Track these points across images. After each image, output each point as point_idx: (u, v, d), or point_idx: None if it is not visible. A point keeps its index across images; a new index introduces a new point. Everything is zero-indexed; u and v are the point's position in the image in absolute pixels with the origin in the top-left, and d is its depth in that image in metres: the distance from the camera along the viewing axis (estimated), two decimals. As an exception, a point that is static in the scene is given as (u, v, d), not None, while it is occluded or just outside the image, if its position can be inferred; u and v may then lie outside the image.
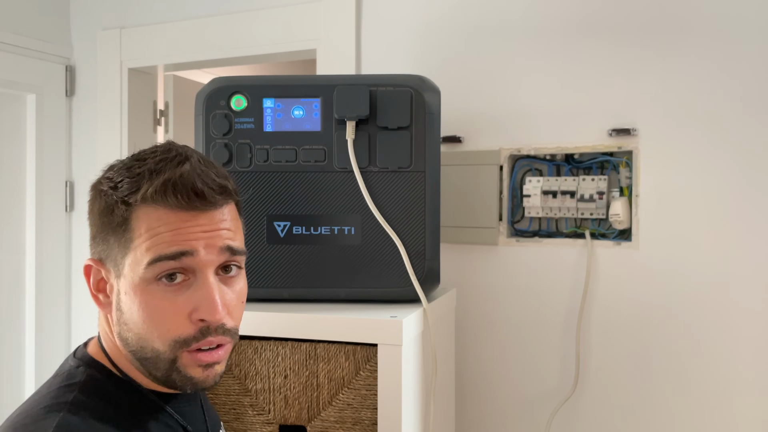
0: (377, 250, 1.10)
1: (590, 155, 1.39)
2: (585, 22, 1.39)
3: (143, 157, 0.73)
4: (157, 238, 0.69)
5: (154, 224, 0.70)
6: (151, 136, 2.05)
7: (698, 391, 1.31)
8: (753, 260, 1.27)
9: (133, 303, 0.70)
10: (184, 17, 1.82)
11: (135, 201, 0.70)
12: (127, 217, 0.70)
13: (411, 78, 1.10)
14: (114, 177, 0.73)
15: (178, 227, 0.70)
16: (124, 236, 0.71)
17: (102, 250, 0.73)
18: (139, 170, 0.71)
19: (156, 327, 0.70)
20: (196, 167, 0.71)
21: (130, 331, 0.71)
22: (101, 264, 0.74)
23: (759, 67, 1.27)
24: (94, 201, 0.75)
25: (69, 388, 0.71)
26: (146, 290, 0.70)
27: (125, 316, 0.71)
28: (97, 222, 0.74)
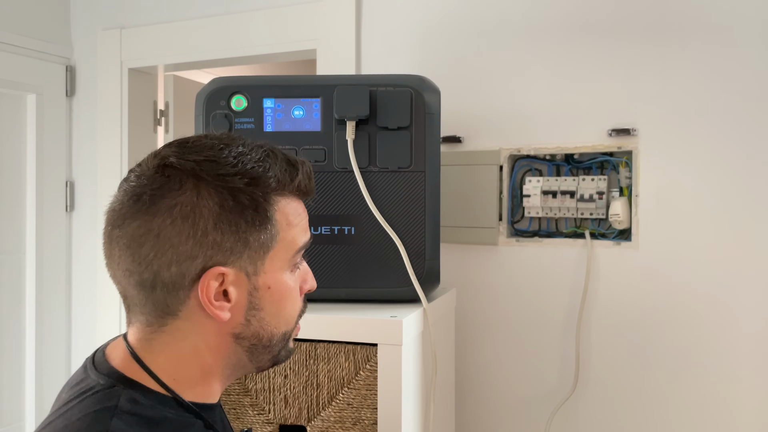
0: (377, 250, 1.10)
1: (590, 155, 1.39)
2: (585, 23, 1.39)
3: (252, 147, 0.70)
4: (299, 228, 0.73)
5: (292, 215, 0.72)
6: (151, 136, 2.05)
7: (698, 390, 1.31)
8: (753, 260, 1.27)
9: (275, 295, 0.71)
10: (184, 17, 1.82)
11: (278, 195, 0.70)
12: (272, 213, 0.69)
13: (411, 78, 1.11)
14: (246, 171, 0.67)
15: (304, 215, 0.75)
16: (268, 232, 0.68)
17: (231, 252, 0.66)
18: (271, 162, 0.69)
19: (291, 308, 0.73)
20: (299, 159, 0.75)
21: (270, 327, 0.71)
22: (227, 267, 0.67)
23: (759, 68, 1.27)
24: (211, 199, 0.65)
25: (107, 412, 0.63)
26: (286, 279, 0.72)
27: (263, 312, 0.70)
28: (225, 220, 0.66)
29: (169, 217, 0.64)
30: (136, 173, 0.68)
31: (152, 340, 0.68)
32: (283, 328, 0.73)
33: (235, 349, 0.70)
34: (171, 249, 0.64)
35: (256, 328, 0.70)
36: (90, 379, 0.68)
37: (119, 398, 0.64)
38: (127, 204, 0.66)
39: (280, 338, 0.73)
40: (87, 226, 2.02)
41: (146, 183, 0.66)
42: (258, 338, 0.71)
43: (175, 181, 0.65)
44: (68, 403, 0.66)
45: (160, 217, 0.64)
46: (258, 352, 0.72)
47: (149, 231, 0.64)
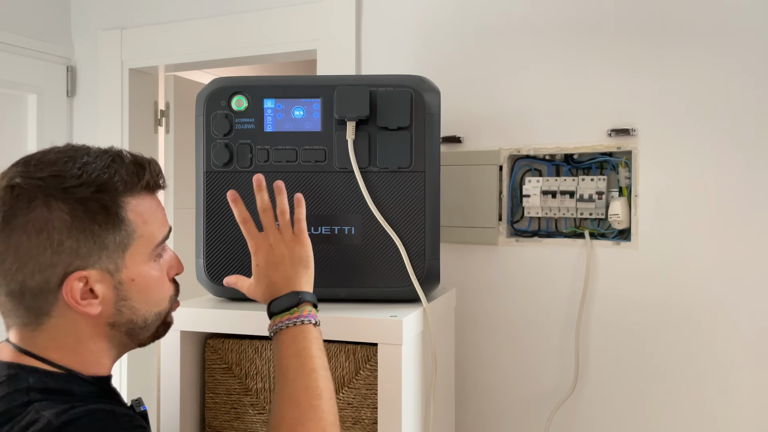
0: (377, 250, 1.10)
1: (589, 155, 1.39)
2: (585, 23, 1.40)
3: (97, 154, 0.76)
4: (155, 223, 0.80)
5: (146, 213, 0.79)
6: (151, 137, 2.05)
7: (697, 390, 1.31)
8: (752, 260, 1.27)
9: (139, 285, 0.78)
10: (184, 17, 1.83)
11: (128, 196, 0.77)
12: (123, 214, 0.76)
13: (411, 78, 1.11)
14: (91, 180, 0.73)
15: (159, 210, 0.82)
16: (123, 232, 0.76)
17: (89, 256, 0.73)
18: (116, 167, 0.76)
19: (159, 293, 0.82)
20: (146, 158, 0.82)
21: (138, 312, 0.79)
22: (87, 272, 0.74)
23: (758, 67, 1.27)
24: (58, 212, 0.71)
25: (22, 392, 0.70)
26: (149, 269, 0.80)
27: (131, 301, 0.78)
28: (78, 228, 0.72)
29: (24, 233, 0.71)
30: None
31: (35, 337, 0.75)
32: (155, 310, 0.82)
33: (114, 334, 0.79)
34: (31, 261, 0.71)
35: (129, 316, 0.79)
36: None
37: (27, 380, 0.71)
38: None
39: (155, 319, 0.82)
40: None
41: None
42: (133, 323, 0.79)
43: (24, 199, 0.71)
44: None
45: (16, 234, 0.71)
46: (136, 333, 0.81)
47: (8, 248, 0.71)
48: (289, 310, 0.88)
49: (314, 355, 0.84)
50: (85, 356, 0.77)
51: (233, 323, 1.06)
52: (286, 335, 0.86)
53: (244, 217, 0.95)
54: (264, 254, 0.93)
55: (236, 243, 1.10)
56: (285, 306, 0.88)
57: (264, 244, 0.93)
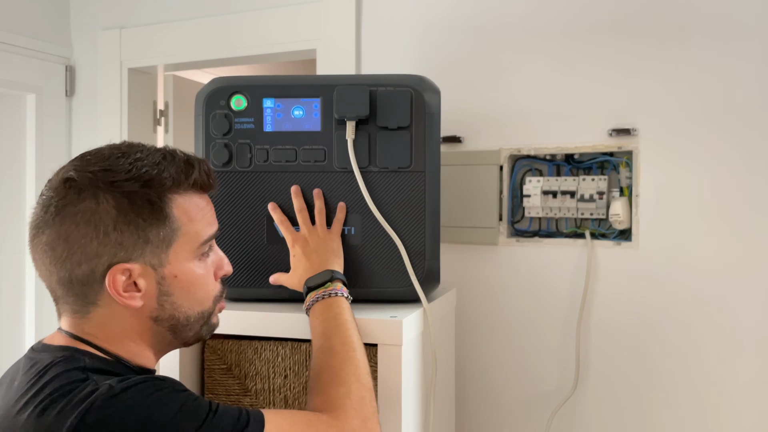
0: (377, 250, 1.10)
1: (590, 155, 1.39)
2: (585, 23, 1.39)
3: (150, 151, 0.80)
4: (202, 222, 0.82)
5: (193, 210, 0.81)
6: (151, 136, 2.05)
7: (698, 390, 1.31)
8: (753, 260, 1.27)
9: (182, 282, 0.80)
10: (184, 17, 1.82)
11: (175, 193, 0.79)
12: (169, 210, 0.78)
13: (411, 78, 1.10)
14: (139, 175, 0.76)
15: (207, 209, 0.84)
16: (167, 227, 0.78)
17: (133, 249, 0.76)
18: (167, 164, 0.79)
19: (203, 292, 0.83)
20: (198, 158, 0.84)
21: (180, 308, 0.81)
22: (131, 265, 0.77)
23: (759, 67, 1.27)
24: (105, 203, 0.75)
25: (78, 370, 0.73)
26: (194, 267, 0.81)
27: (173, 297, 0.80)
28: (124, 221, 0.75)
29: (74, 223, 0.75)
30: (46, 187, 0.79)
31: (83, 324, 0.79)
32: (198, 309, 0.83)
33: (158, 329, 0.81)
34: (79, 250, 0.75)
35: (171, 311, 0.80)
36: (43, 359, 0.76)
37: (83, 360, 0.75)
38: (39, 215, 0.77)
39: (198, 318, 0.83)
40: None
41: (53, 195, 0.77)
42: (175, 319, 0.81)
43: (75, 191, 0.76)
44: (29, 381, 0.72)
45: (66, 224, 0.75)
46: (179, 330, 0.82)
47: (59, 236, 0.75)
48: (324, 285, 0.98)
49: (347, 319, 0.94)
50: (131, 348, 0.80)
51: (233, 324, 1.05)
52: (320, 306, 0.96)
53: (282, 218, 1.07)
54: (300, 245, 1.04)
55: (236, 243, 1.09)
56: (319, 282, 0.99)
57: (300, 237, 1.05)
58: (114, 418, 0.68)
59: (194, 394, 0.75)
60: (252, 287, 1.10)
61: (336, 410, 0.83)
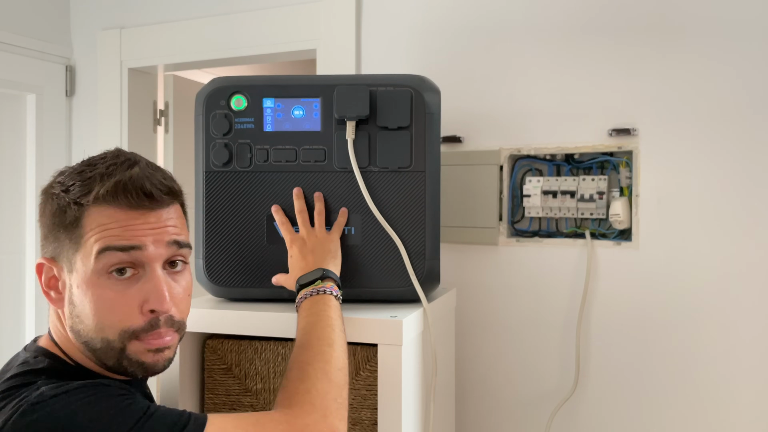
0: (377, 250, 1.09)
1: (590, 155, 1.39)
2: (585, 22, 1.39)
3: (93, 162, 0.81)
4: (107, 232, 0.76)
5: (104, 221, 0.77)
6: (151, 136, 2.05)
7: (698, 390, 1.31)
8: (753, 260, 1.27)
9: (85, 296, 0.76)
10: (184, 17, 1.82)
11: (87, 202, 0.77)
12: (79, 217, 0.77)
13: (411, 78, 1.10)
14: (65, 181, 0.80)
15: (127, 224, 0.77)
16: (75, 233, 0.77)
17: (54, 248, 0.80)
18: (90, 174, 0.79)
19: (107, 317, 0.76)
20: (145, 170, 0.79)
21: (81, 323, 0.77)
22: (53, 262, 0.80)
23: (759, 67, 1.27)
24: (45, 204, 0.81)
25: (33, 374, 0.75)
26: (97, 283, 0.76)
27: (77, 309, 0.77)
28: (48, 223, 0.80)
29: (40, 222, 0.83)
30: None
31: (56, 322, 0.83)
32: (100, 335, 0.76)
33: (78, 344, 0.79)
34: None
35: (74, 323, 0.78)
36: (19, 356, 0.80)
37: (44, 362, 0.76)
38: None
39: (104, 345, 0.76)
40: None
41: None
42: (78, 335, 0.78)
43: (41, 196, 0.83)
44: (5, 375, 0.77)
45: None
46: (94, 352, 0.78)
47: None
48: (314, 283, 0.96)
49: (330, 316, 0.91)
50: (81, 356, 0.81)
51: (233, 324, 1.05)
52: (307, 302, 0.94)
53: (283, 219, 1.07)
54: (298, 246, 1.03)
55: (236, 243, 1.10)
56: (310, 279, 0.97)
57: (298, 238, 1.04)
58: (36, 424, 0.67)
59: (134, 398, 0.73)
60: (252, 287, 1.10)
61: (293, 406, 0.80)
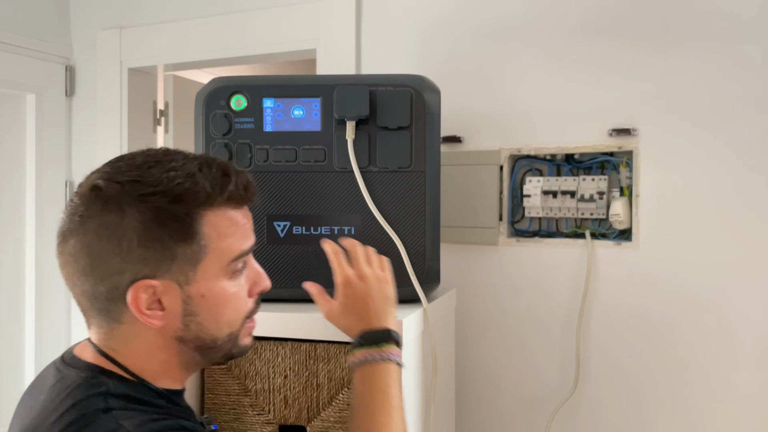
0: (377, 250, 1.09)
1: (590, 155, 1.39)
2: (585, 22, 1.39)
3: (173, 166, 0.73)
4: (233, 238, 0.76)
5: (224, 226, 0.75)
6: (151, 136, 2.05)
7: (698, 390, 1.31)
8: (753, 260, 1.27)
9: (211, 301, 0.75)
10: (184, 17, 1.82)
11: (207, 208, 0.73)
12: (198, 226, 0.72)
13: (411, 78, 1.10)
14: (169, 189, 0.71)
15: (240, 224, 0.77)
16: (195, 244, 0.72)
17: (158, 266, 0.71)
18: (204, 177, 0.73)
19: (235, 312, 0.78)
20: (232, 165, 0.78)
21: (206, 329, 0.76)
22: (154, 280, 0.72)
23: (759, 67, 1.27)
24: (132, 218, 0.70)
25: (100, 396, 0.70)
26: (225, 285, 0.76)
27: (199, 317, 0.75)
28: (149, 238, 0.70)
29: (97, 236, 0.70)
30: (75, 193, 0.74)
31: (109, 340, 0.75)
32: (226, 330, 0.77)
33: (183, 349, 0.76)
34: (102, 265, 0.71)
35: (196, 332, 0.75)
36: (69, 376, 0.73)
37: (106, 384, 0.71)
38: (66, 222, 0.73)
39: (225, 339, 0.78)
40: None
41: (79, 203, 0.72)
42: (200, 341, 0.76)
43: (101, 202, 0.71)
44: (54, 401, 0.70)
45: (89, 236, 0.71)
46: (206, 351, 0.77)
47: (83, 248, 0.71)
48: (378, 344, 0.90)
49: (394, 395, 0.88)
50: (155, 368, 0.76)
51: (233, 324, 1.05)
52: (372, 368, 0.89)
53: (336, 250, 0.98)
54: (354, 288, 0.94)
55: (236, 243, 1.09)
56: (375, 339, 0.91)
57: (354, 278, 0.94)
58: None
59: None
60: (252, 287, 1.10)
61: None
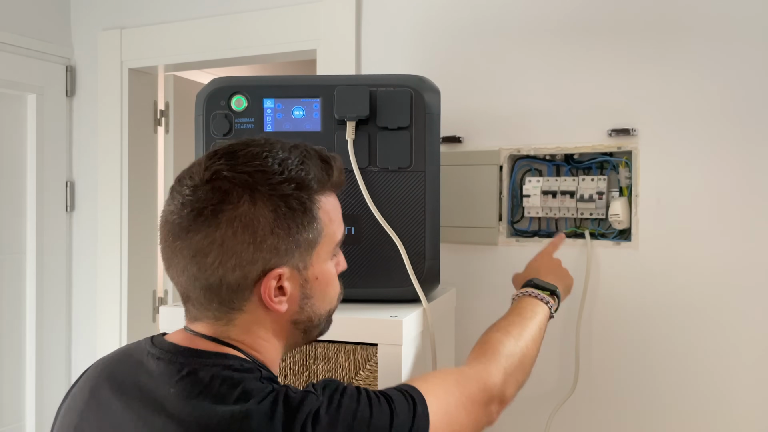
0: (377, 250, 1.10)
1: (590, 155, 1.39)
2: (585, 23, 1.39)
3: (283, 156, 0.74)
4: (337, 221, 0.81)
5: (330, 209, 0.79)
6: (151, 137, 2.05)
7: (697, 390, 1.31)
8: (752, 259, 1.27)
9: (322, 283, 0.80)
10: (184, 17, 1.82)
11: (320, 194, 0.77)
12: (316, 212, 0.76)
13: (411, 78, 1.11)
14: (292, 177, 0.73)
15: (339, 208, 0.82)
16: (314, 228, 0.76)
17: (285, 253, 0.74)
18: (313, 165, 0.76)
19: (334, 291, 0.83)
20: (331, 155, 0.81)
21: (319, 310, 0.80)
22: (282, 268, 0.74)
23: (759, 67, 1.27)
24: (264, 209, 0.72)
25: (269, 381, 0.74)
26: (329, 268, 0.81)
27: (314, 299, 0.79)
28: (279, 226, 0.72)
29: (231, 228, 0.71)
30: (189, 186, 0.73)
31: (229, 331, 0.76)
32: (329, 308, 0.83)
33: (293, 332, 0.80)
34: (234, 256, 0.71)
35: (309, 314, 0.80)
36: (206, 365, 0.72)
37: (257, 371, 0.73)
38: (187, 217, 0.72)
39: (326, 316, 0.83)
40: (87, 227, 2.02)
41: (204, 197, 0.72)
42: (311, 321, 0.80)
43: (232, 194, 0.71)
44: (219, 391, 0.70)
45: (222, 229, 0.71)
46: (310, 330, 0.82)
47: (213, 242, 0.71)
48: (543, 290, 1.10)
49: (532, 327, 1.03)
50: (270, 354, 0.79)
51: (233, 323, 1.05)
52: (529, 300, 1.08)
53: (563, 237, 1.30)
54: (552, 259, 1.23)
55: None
56: (543, 287, 1.10)
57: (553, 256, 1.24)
58: (341, 423, 0.70)
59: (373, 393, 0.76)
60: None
61: (488, 362, 0.93)
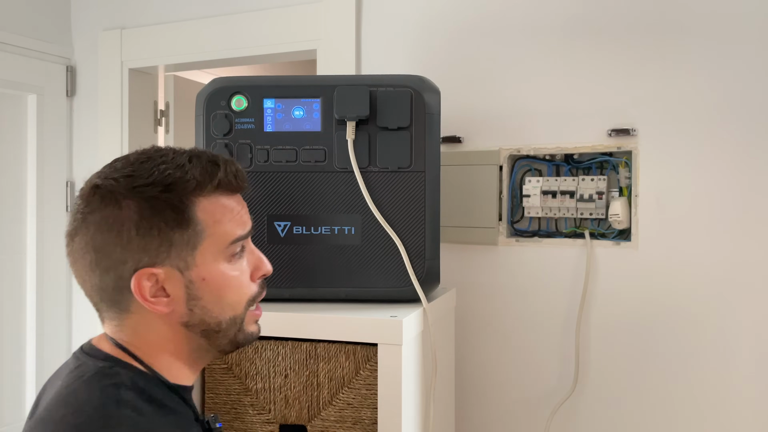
0: (377, 250, 1.10)
1: (590, 155, 1.39)
2: (585, 23, 1.40)
3: (163, 161, 0.77)
4: (230, 223, 0.80)
5: (218, 212, 0.79)
6: (151, 137, 2.05)
7: (697, 390, 1.31)
8: (752, 260, 1.27)
9: (212, 285, 0.78)
10: (184, 17, 1.83)
11: (197, 196, 0.77)
12: (192, 213, 0.76)
13: (411, 78, 1.11)
14: (161, 180, 0.76)
15: (236, 210, 0.81)
16: (191, 230, 0.76)
17: (157, 253, 0.75)
18: (194, 167, 0.77)
19: (236, 295, 0.80)
20: (222, 156, 0.82)
21: (210, 312, 0.79)
22: (155, 268, 0.75)
23: (758, 67, 1.27)
24: (129, 210, 0.74)
25: (114, 387, 0.73)
26: (225, 269, 0.79)
27: (203, 301, 0.78)
28: (146, 227, 0.74)
29: (99, 231, 0.74)
30: (77, 195, 0.78)
31: (122, 332, 0.78)
32: (230, 314, 0.80)
33: (190, 335, 0.79)
34: (105, 257, 0.75)
35: (201, 316, 0.78)
36: (87, 364, 0.77)
37: (120, 376, 0.74)
38: (71, 223, 0.77)
39: (230, 323, 0.80)
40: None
41: (81, 203, 0.77)
42: (206, 324, 0.79)
43: (99, 198, 0.75)
44: (69, 387, 0.74)
45: (92, 231, 0.75)
46: (212, 337, 0.80)
47: (87, 244, 0.75)
48: None
49: None
50: (166, 360, 0.79)
51: (233, 323, 1.05)
52: None
53: None
54: None
55: (236, 243, 1.10)
56: None
57: None
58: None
59: None
60: (252, 287, 1.10)
61: None
